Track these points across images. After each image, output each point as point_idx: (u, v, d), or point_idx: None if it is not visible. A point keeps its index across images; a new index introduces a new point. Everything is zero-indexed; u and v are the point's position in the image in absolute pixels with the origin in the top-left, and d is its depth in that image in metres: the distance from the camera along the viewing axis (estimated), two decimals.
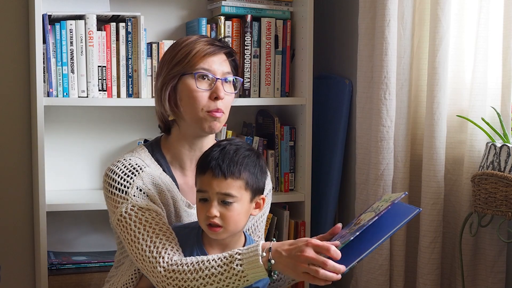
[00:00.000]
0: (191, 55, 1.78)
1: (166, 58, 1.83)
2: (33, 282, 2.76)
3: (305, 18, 2.68)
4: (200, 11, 2.80)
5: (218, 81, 1.79)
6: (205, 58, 1.79)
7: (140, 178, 1.77)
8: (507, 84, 2.14)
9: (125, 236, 1.73)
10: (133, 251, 1.71)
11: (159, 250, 1.67)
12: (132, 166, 1.78)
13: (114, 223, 1.76)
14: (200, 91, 1.78)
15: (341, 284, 2.85)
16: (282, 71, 2.74)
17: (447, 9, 2.21)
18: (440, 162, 2.26)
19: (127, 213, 1.73)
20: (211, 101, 1.79)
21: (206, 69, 1.78)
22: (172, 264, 1.65)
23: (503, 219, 2.07)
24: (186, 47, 1.80)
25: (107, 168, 1.81)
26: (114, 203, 1.76)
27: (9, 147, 2.72)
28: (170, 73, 1.79)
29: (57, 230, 2.71)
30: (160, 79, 1.82)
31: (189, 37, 1.84)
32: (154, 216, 1.73)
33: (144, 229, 1.70)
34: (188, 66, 1.78)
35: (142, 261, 1.69)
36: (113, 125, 2.76)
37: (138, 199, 1.74)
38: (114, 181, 1.77)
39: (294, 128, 2.76)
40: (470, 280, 2.22)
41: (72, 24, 2.48)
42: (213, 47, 1.80)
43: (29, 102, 2.69)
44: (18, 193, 2.74)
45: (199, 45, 1.79)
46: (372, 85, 2.42)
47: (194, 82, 1.78)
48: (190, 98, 1.78)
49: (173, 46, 1.84)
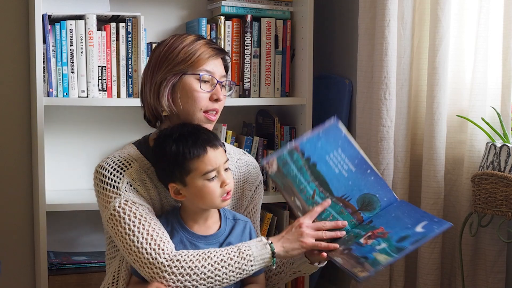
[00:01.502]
0: (196, 55, 1.81)
1: (165, 54, 1.83)
2: (33, 282, 2.76)
3: (305, 18, 2.68)
4: (200, 11, 2.80)
5: (218, 83, 1.84)
6: (209, 61, 1.83)
7: (129, 173, 1.79)
8: (507, 84, 2.14)
9: (118, 230, 1.73)
10: (127, 244, 1.72)
11: (157, 243, 1.69)
12: (121, 161, 1.81)
13: (106, 218, 1.77)
14: (202, 92, 1.82)
15: (341, 284, 2.86)
16: (282, 71, 2.74)
17: (447, 9, 2.21)
18: (440, 162, 2.26)
19: (120, 207, 1.74)
20: (210, 102, 1.83)
21: (210, 71, 1.82)
22: (176, 255, 1.68)
23: (503, 219, 2.07)
24: (189, 46, 1.82)
25: (97, 165, 1.83)
26: (106, 198, 1.78)
27: (9, 147, 2.72)
28: (172, 70, 1.81)
29: (57, 230, 2.72)
30: (159, 74, 1.82)
31: (185, 36, 1.86)
32: (147, 211, 1.76)
33: (140, 222, 1.72)
34: (192, 66, 1.81)
35: (138, 253, 1.70)
36: (113, 125, 2.76)
37: (130, 193, 1.77)
38: (104, 177, 1.79)
39: (294, 128, 2.76)
40: (470, 280, 2.22)
41: (72, 24, 2.48)
42: (216, 51, 1.85)
43: (29, 102, 2.69)
44: (18, 193, 2.74)
45: (202, 46, 1.83)
46: (372, 85, 2.42)
47: (198, 83, 1.81)
48: (190, 97, 1.81)
49: (171, 43, 1.85)
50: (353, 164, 1.82)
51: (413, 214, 1.78)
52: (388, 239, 1.72)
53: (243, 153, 2.02)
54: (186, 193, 1.76)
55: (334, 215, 1.80)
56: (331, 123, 1.84)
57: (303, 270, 1.88)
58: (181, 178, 1.74)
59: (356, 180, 1.81)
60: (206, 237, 1.79)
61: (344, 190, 1.80)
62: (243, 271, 1.71)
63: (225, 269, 1.69)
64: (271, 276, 1.94)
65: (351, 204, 1.80)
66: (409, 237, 1.71)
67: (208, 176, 1.73)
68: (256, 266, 1.72)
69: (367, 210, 1.80)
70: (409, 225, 1.74)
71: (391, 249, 1.69)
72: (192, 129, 1.77)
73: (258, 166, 2.02)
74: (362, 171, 1.82)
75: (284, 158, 1.80)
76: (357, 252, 1.72)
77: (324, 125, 1.83)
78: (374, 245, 1.72)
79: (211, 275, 1.68)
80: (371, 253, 1.70)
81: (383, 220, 1.79)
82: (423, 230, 1.72)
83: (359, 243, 1.74)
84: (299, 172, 1.79)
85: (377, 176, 1.84)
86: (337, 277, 2.87)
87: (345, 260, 1.71)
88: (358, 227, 1.79)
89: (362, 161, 1.83)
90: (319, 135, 1.82)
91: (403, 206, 1.82)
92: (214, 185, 1.74)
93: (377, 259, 1.68)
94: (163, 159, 1.75)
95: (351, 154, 1.82)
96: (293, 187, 1.78)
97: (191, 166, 1.72)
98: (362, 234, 1.76)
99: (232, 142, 2.67)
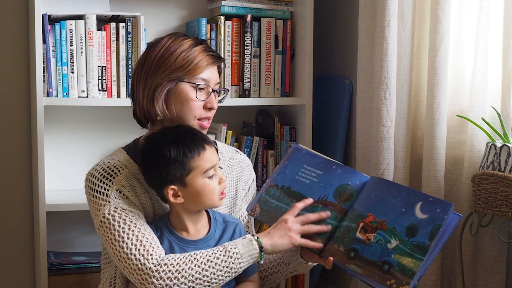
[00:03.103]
0: (194, 63, 1.80)
1: (162, 57, 1.81)
2: (33, 282, 2.76)
3: (305, 18, 2.68)
4: (200, 11, 2.80)
5: (213, 92, 1.84)
6: (206, 68, 1.82)
7: (119, 180, 1.78)
8: (507, 84, 2.14)
9: (108, 237, 1.74)
10: (117, 251, 1.72)
11: (146, 248, 1.69)
12: (110, 168, 1.80)
13: (97, 225, 1.78)
14: (197, 100, 1.82)
15: (341, 284, 2.86)
16: (282, 71, 2.74)
17: (447, 9, 2.21)
18: (440, 162, 2.26)
19: (110, 214, 1.74)
20: (204, 110, 1.84)
21: (206, 80, 1.82)
22: (163, 259, 1.68)
23: (503, 219, 2.07)
24: (187, 52, 1.80)
25: (87, 173, 1.83)
26: (96, 205, 1.78)
27: (9, 147, 2.72)
28: (169, 76, 1.80)
29: (57, 230, 2.72)
30: (155, 78, 1.81)
31: (183, 39, 1.83)
32: (137, 218, 1.75)
33: (129, 229, 1.72)
34: (189, 73, 1.80)
35: (127, 260, 1.70)
36: (113, 125, 2.76)
37: (120, 200, 1.76)
38: (94, 184, 1.79)
39: (294, 128, 2.76)
40: (470, 280, 2.22)
41: (72, 24, 2.48)
42: (213, 58, 1.84)
43: (29, 102, 2.69)
44: (18, 193, 2.74)
45: (200, 53, 1.82)
46: (372, 85, 2.42)
47: (194, 91, 1.81)
48: (185, 105, 1.81)
49: (167, 45, 1.82)
50: (319, 169, 1.86)
51: (396, 193, 1.75)
52: (392, 231, 1.70)
53: (235, 151, 2.02)
54: (185, 194, 1.74)
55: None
56: (292, 149, 1.91)
57: (299, 270, 1.89)
58: (181, 178, 1.73)
59: (326, 179, 1.83)
60: (195, 241, 1.78)
61: (319, 192, 1.82)
62: (232, 270, 1.70)
63: (213, 269, 1.68)
64: (267, 276, 1.93)
65: (329, 201, 1.80)
66: (417, 228, 1.67)
67: (208, 173, 1.74)
68: (245, 263, 1.71)
69: (346, 200, 1.80)
70: (403, 209, 1.71)
71: (409, 248, 1.66)
72: (186, 129, 1.77)
73: (251, 164, 2.03)
74: (328, 170, 1.85)
75: (264, 198, 1.86)
76: (368, 254, 1.69)
77: (287, 154, 1.91)
78: (381, 242, 1.69)
79: (199, 277, 1.67)
80: (389, 256, 1.66)
81: (366, 204, 1.76)
82: (426, 216, 1.68)
83: (359, 240, 1.71)
84: (279, 201, 1.84)
85: (343, 167, 1.85)
86: (337, 277, 2.87)
87: (364, 269, 1.68)
88: (344, 220, 1.77)
89: (326, 162, 1.86)
90: (286, 164, 1.89)
91: (377, 183, 1.79)
92: (213, 183, 1.75)
93: (404, 264, 1.64)
94: (160, 162, 1.73)
95: (315, 163, 1.87)
96: (277, 215, 1.81)
97: (192, 164, 1.72)
98: (353, 226, 1.74)
99: (232, 142, 2.67)
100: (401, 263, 1.64)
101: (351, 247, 1.72)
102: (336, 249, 1.74)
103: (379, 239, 1.69)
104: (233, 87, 2.68)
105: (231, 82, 2.68)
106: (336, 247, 1.74)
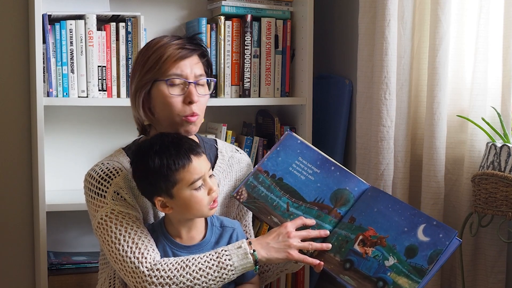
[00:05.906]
0: (161, 61, 1.76)
1: (139, 62, 1.81)
2: (33, 282, 2.76)
3: (305, 18, 2.68)
4: (200, 11, 2.80)
5: (190, 85, 1.78)
6: (177, 63, 1.77)
7: (117, 182, 1.77)
8: (507, 84, 2.14)
9: (105, 238, 1.73)
10: (113, 253, 1.72)
11: (141, 251, 1.69)
12: (109, 170, 1.79)
13: (94, 227, 1.77)
14: (174, 96, 1.77)
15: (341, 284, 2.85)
16: (282, 71, 2.74)
17: (447, 9, 2.21)
18: (440, 162, 2.25)
19: (107, 216, 1.74)
20: (186, 105, 1.78)
21: (178, 74, 1.77)
22: (156, 264, 1.67)
23: (503, 219, 2.07)
24: (157, 51, 1.78)
25: (86, 174, 1.82)
26: (94, 206, 1.77)
27: (9, 147, 2.72)
28: (143, 80, 1.78)
29: (57, 230, 2.72)
30: (134, 85, 1.81)
31: (161, 40, 1.81)
32: (134, 220, 1.75)
33: (126, 231, 1.72)
34: (160, 72, 1.77)
35: (122, 262, 1.70)
36: (113, 125, 2.76)
37: (117, 202, 1.75)
38: (92, 186, 1.78)
39: (294, 128, 2.76)
40: (470, 280, 2.22)
41: (72, 24, 2.48)
42: (184, 51, 1.78)
43: (29, 102, 2.69)
44: (18, 193, 2.74)
45: (170, 49, 1.77)
46: (372, 85, 2.42)
47: (166, 89, 1.77)
48: (164, 104, 1.78)
49: (146, 49, 1.82)
50: (316, 166, 1.83)
51: (400, 211, 1.74)
52: (391, 249, 1.69)
53: (235, 150, 2.01)
54: (173, 205, 1.72)
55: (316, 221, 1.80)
56: (286, 135, 1.88)
57: (290, 268, 1.90)
58: (167, 190, 1.70)
59: (323, 180, 1.82)
60: (189, 247, 1.77)
61: (315, 193, 1.80)
62: (224, 280, 1.69)
63: (204, 278, 1.67)
64: (258, 274, 1.92)
65: (325, 205, 1.79)
66: (417, 249, 1.67)
67: (195, 185, 1.70)
68: (238, 273, 1.70)
69: (342, 205, 1.80)
70: (406, 229, 1.70)
71: (406, 268, 1.65)
72: (173, 139, 1.72)
73: (251, 164, 2.02)
74: (326, 170, 1.83)
75: (251, 183, 1.83)
76: (364, 268, 1.68)
77: (280, 140, 1.87)
78: (379, 258, 1.68)
79: (190, 284, 1.67)
80: (385, 273, 1.66)
81: (367, 217, 1.75)
82: (427, 239, 1.67)
83: (357, 252, 1.70)
84: (269, 191, 1.81)
85: (342, 170, 1.84)
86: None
87: (357, 282, 1.68)
88: (343, 228, 1.76)
89: (324, 160, 1.84)
90: (278, 150, 1.85)
91: (380, 197, 1.78)
92: (201, 194, 1.71)
93: (399, 284, 1.64)
94: (146, 174, 1.70)
95: (312, 158, 1.84)
96: (267, 207, 1.79)
97: (177, 177, 1.69)
98: (352, 238, 1.73)
99: (232, 142, 2.67)
100: (396, 282, 1.64)
101: (347, 258, 1.71)
102: (332, 258, 1.73)
103: (377, 255, 1.69)
104: (233, 87, 2.68)
105: (231, 82, 2.68)
106: (332, 256, 1.73)
